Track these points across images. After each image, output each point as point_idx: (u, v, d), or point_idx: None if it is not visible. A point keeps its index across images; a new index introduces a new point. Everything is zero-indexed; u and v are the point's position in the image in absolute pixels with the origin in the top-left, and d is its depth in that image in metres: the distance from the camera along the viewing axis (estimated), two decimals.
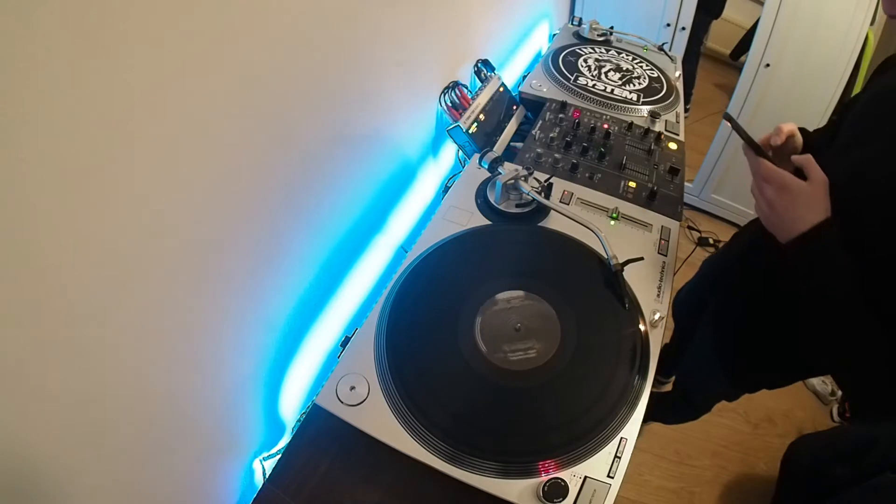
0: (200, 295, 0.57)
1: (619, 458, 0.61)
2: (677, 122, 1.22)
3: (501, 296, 0.76)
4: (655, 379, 0.69)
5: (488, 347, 0.70)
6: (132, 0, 0.40)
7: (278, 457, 0.68)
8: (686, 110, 1.83)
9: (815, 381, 1.79)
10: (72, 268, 0.42)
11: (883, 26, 1.73)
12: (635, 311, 0.75)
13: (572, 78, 1.30)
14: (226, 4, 0.49)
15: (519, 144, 1.14)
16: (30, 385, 0.41)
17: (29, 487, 0.43)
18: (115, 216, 0.44)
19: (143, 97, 0.43)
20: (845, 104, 0.82)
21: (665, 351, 1.45)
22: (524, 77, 1.32)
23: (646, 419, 0.64)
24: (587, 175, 1.00)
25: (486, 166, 0.91)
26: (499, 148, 1.15)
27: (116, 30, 0.39)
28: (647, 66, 1.44)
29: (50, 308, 0.41)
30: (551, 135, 1.10)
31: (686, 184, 1.44)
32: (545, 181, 0.89)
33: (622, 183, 0.99)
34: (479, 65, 1.20)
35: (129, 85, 0.42)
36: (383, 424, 0.63)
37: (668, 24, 1.90)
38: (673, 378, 1.52)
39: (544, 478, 0.58)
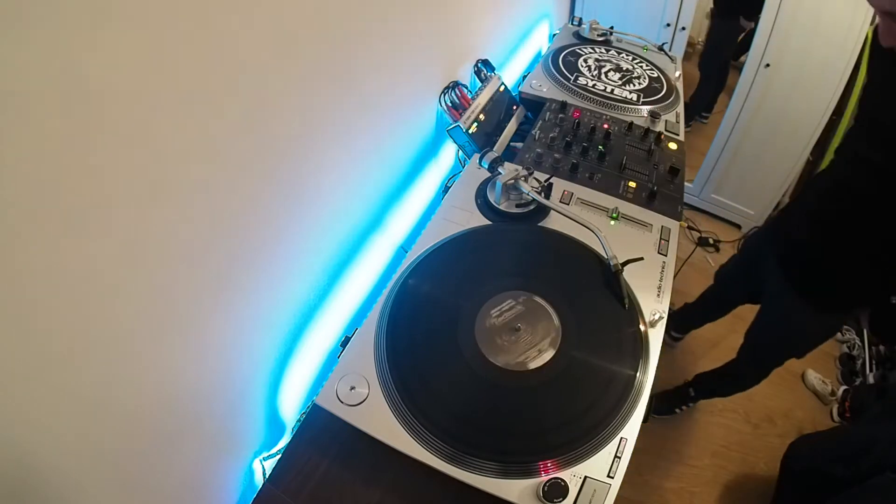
0: (199, 295, 0.57)
1: (619, 458, 0.61)
2: (677, 122, 1.22)
3: (501, 296, 0.75)
4: (668, 334, 0.72)
5: (488, 347, 0.70)
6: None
7: (278, 457, 0.68)
8: (688, 125, 1.77)
9: (815, 381, 1.79)
10: (69, 268, 0.42)
11: None
12: (635, 311, 0.76)
13: (572, 78, 1.30)
14: (225, 8, 0.49)
15: (519, 144, 1.14)
16: (29, 387, 0.41)
17: (28, 489, 0.43)
18: (108, 215, 0.44)
19: (141, 101, 0.43)
20: None
21: (687, 309, 1.58)
22: (524, 77, 1.32)
23: (703, 396, 0.67)
24: (587, 175, 1.00)
25: (486, 166, 0.91)
26: (499, 148, 1.15)
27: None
28: (647, 66, 1.44)
29: (47, 310, 0.41)
30: (551, 135, 1.10)
31: (686, 184, 1.44)
32: (545, 181, 0.89)
33: (622, 183, 0.99)
34: (479, 65, 1.20)
35: (120, 88, 0.42)
36: (383, 424, 0.63)
37: (668, 24, 1.90)
38: (683, 337, 1.67)
39: (544, 478, 0.58)
